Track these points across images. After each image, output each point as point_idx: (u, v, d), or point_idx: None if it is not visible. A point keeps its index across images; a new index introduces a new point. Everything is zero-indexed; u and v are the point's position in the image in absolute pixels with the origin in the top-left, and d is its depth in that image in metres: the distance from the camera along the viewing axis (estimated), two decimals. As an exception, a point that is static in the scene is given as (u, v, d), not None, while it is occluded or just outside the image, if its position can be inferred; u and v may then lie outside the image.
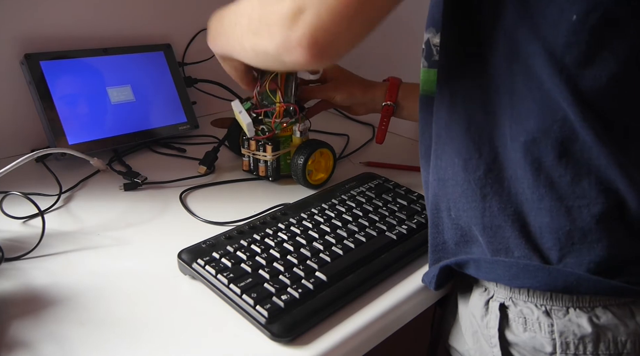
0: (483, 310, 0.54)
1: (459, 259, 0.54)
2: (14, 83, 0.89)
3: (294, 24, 0.44)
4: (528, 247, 0.48)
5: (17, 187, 0.71)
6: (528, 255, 0.48)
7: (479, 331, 0.55)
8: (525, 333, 0.50)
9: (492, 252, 0.51)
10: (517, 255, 0.49)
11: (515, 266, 0.49)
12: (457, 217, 0.53)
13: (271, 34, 0.47)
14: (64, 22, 0.94)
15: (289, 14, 0.44)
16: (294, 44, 0.44)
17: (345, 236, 0.64)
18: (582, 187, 0.45)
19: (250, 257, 0.59)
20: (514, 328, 0.51)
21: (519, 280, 0.49)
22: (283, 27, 0.45)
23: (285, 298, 0.52)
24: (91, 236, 0.68)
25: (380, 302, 0.57)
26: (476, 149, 0.49)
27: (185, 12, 1.10)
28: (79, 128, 0.90)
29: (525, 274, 0.49)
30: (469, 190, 0.51)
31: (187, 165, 0.90)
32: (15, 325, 0.51)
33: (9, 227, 0.69)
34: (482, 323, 0.54)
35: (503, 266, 0.50)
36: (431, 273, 0.57)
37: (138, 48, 1.02)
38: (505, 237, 0.49)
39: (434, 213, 0.56)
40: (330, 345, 0.50)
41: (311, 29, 0.43)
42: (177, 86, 1.05)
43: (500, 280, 0.51)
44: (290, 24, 0.44)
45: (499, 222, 0.49)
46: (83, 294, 0.56)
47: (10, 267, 0.61)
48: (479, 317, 0.54)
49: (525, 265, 0.48)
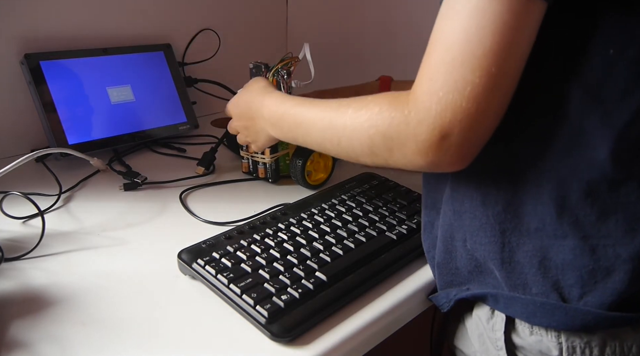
0: (489, 313, 0.53)
1: (477, 293, 0.53)
2: (14, 83, 0.89)
3: (439, 149, 0.43)
4: (546, 284, 0.47)
5: (17, 187, 0.71)
6: (546, 292, 0.48)
7: (485, 334, 0.54)
8: (532, 336, 0.50)
9: (509, 286, 0.50)
10: (535, 292, 0.48)
11: (532, 304, 0.48)
12: (474, 249, 0.52)
13: (410, 155, 0.45)
14: (64, 22, 0.94)
15: (433, 141, 0.43)
16: (446, 164, 0.44)
17: (345, 236, 0.64)
18: (608, 227, 0.45)
19: (250, 257, 0.59)
20: (520, 331, 0.51)
21: (536, 318, 0.48)
22: (427, 153, 0.44)
23: (285, 298, 0.52)
24: (91, 236, 0.68)
25: (380, 302, 0.57)
26: (495, 184, 0.49)
27: (185, 12, 1.10)
28: (79, 128, 0.90)
29: (542, 313, 0.48)
30: (488, 225, 0.50)
31: (187, 165, 0.90)
32: (15, 325, 0.51)
33: (9, 227, 0.69)
34: (488, 326, 0.53)
35: (520, 303, 0.49)
36: (442, 299, 0.57)
37: (138, 48, 1.02)
38: (524, 273, 0.49)
39: (447, 240, 0.55)
40: (330, 345, 0.50)
41: (462, 148, 0.43)
42: (177, 86, 1.05)
43: (518, 316, 0.50)
44: (436, 150, 0.43)
45: (518, 257, 0.49)
46: (83, 294, 0.56)
47: (10, 267, 0.61)
48: (485, 320, 0.54)
49: (542, 304, 0.48)
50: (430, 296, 0.60)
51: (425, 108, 0.43)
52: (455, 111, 0.41)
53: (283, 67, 0.78)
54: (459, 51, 0.41)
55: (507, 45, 0.40)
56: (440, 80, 0.42)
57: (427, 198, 0.59)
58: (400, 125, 0.45)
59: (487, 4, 0.40)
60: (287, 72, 0.78)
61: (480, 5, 0.40)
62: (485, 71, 0.40)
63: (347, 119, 0.51)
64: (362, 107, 0.49)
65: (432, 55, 0.43)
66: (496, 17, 0.40)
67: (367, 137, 0.48)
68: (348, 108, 0.51)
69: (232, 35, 1.18)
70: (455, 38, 0.41)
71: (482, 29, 0.40)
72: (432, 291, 0.61)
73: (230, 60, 1.17)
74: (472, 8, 0.41)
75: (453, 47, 0.41)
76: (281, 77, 0.78)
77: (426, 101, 0.43)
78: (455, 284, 0.56)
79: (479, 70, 0.40)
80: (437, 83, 0.42)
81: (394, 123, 0.45)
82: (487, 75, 0.41)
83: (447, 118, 0.42)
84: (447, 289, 0.57)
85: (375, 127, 0.47)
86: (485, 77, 0.41)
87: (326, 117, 0.54)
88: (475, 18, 0.40)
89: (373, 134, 0.48)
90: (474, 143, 0.44)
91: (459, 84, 0.41)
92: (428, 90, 0.43)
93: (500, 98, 0.42)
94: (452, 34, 0.42)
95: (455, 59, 0.41)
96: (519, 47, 0.41)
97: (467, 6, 0.41)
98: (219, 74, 1.14)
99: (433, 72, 0.43)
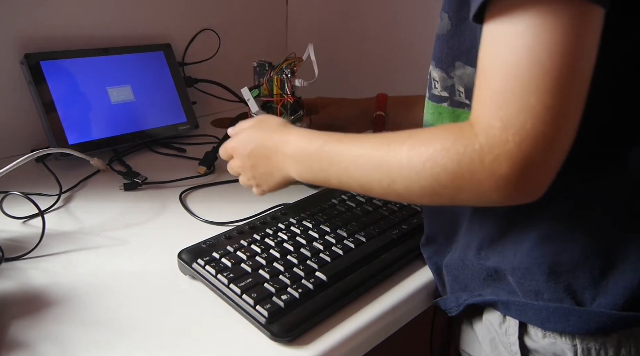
0: (500, 318, 0.53)
1: (487, 300, 0.53)
2: (14, 83, 0.89)
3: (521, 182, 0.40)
4: (558, 289, 0.47)
5: (17, 187, 0.71)
6: (559, 297, 0.47)
7: (497, 339, 0.53)
8: (545, 339, 0.49)
9: (522, 292, 0.50)
10: (547, 298, 0.48)
11: (545, 310, 0.48)
12: (487, 257, 0.52)
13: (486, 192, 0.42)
14: (64, 22, 0.94)
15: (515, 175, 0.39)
16: (525, 195, 0.41)
17: (345, 236, 0.64)
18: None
19: (250, 257, 0.59)
20: (533, 334, 0.50)
21: (550, 324, 0.48)
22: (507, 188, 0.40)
23: (285, 298, 0.52)
24: (91, 236, 0.68)
25: (380, 302, 0.57)
26: None
27: (185, 12, 1.10)
28: (79, 128, 0.90)
29: (556, 318, 0.47)
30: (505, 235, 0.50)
31: (187, 165, 0.90)
32: (15, 325, 0.51)
33: (9, 227, 0.69)
34: (501, 331, 0.53)
35: (533, 309, 0.49)
36: (451, 303, 0.57)
37: (138, 48, 1.02)
38: (535, 279, 0.48)
39: (461, 251, 0.55)
40: (330, 345, 0.50)
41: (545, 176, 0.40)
42: (177, 86, 1.05)
43: (531, 322, 0.50)
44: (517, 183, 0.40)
45: (527, 264, 0.49)
46: (83, 294, 0.56)
47: (10, 266, 0.61)
48: (497, 324, 0.53)
49: (556, 309, 0.47)
50: (436, 301, 0.60)
51: (501, 141, 0.39)
52: (537, 139, 0.38)
53: (287, 66, 0.78)
54: (530, 75, 0.38)
55: (578, 57, 0.38)
56: (514, 108, 0.39)
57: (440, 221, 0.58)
58: (473, 163, 0.41)
59: (543, 24, 0.38)
60: (291, 71, 0.78)
61: (537, 27, 0.38)
62: (561, 91, 0.38)
63: (403, 158, 0.45)
64: (419, 144, 0.44)
65: (492, 82, 0.40)
66: (558, 37, 0.38)
67: (430, 177, 0.43)
68: (402, 146, 0.45)
69: (232, 35, 1.18)
70: (518, 63, 0.39)
71: (547, 50, 0.38)
72: (435, 294, 0.61)
73: (230, 60, 1.17)
74: (529, 30, 0.38)
75: (522, 70, 0.39)
76: (285, 76, 0.78)
77: (500, 133, 0.39)
78: (468, 290, 0.55)
79: (556, 91, 0.38)
80: (510, 111, 0.39)
81: (465, 161, 0.41)
82: (564, 96, 0.38)
83: (528, 148, 0.39)
84: (457, 293, 0.56)
85: (441, 166, 0.42)
86: (562, 97, 0.38)
87: (374, 155, 0.48)
88: (537, 40, 0.38)
89: (438, 174, 0.42)
90: (555, 168, 0.41)
91: (537, 109, 0.38)
92: (500, 121, 0.39)
93: (577, 113, 0.40)
94: (514, 59, 0.39)
95: (528, 82, 0.38)
96: (586, 59, 0.39)
97: (524, 29, 0.38)
98: (219, 74, 1.14)
99: (501, 100, 0.39)
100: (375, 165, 0.47)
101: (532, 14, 0.38)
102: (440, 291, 0.61)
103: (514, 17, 0.39)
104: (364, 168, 0.49)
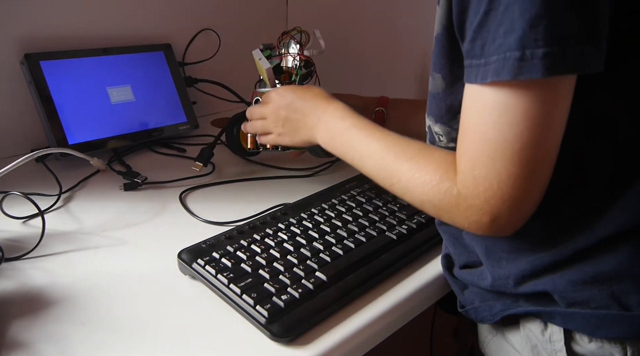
0: (542, 325, 0.51)
1: (528, 310, 0.51)
2: (14, 83, 0.89)
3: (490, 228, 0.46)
4: (603, 296, 0.46)
5: (17, 187, 0.71)
6: (605, 304, 0.46)
7: (540, 346, 0.52)
8: (591, 343, 0.48)
9: (565, 303, 0.48)
10: (594, 306, 0.47)
11: (595, 317, 0.47)
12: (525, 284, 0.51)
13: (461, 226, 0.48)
14: (64, 22, 0.94)
15: (483, 223, 0.45)
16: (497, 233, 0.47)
17: (345, 236, 0.64)
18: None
19: (250, 257, 0.59)
20: (578, 339, 0.49)
21: (601, 331, 0.47)
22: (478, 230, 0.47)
23: (285, 298, 0.52)
24: (91, 236, 0.68)
25: (381, 302, 0.57)
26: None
27: (185, 12, 1.10)
28: (79, 128, 0.90)
29: (606, 325, 0.47)
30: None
31: (187, 165, 0.90)
32: (15, 325, 0.51)
33: (9, 227, 0.69)
34: (544, 338, 0.51)
35: (581, 317, 0.48)
36: (484, 312, 0.56)
37: (138, 48, 1.02)
38: (579, 291, 0.47)
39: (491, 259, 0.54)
40: (330, 345, 0.50)
41: (512, 224, 0.45)
42: (177, 86, 1.05)
43: (580, 330, 0.49)
44: (487, 228, 0.46)
45: (569, 276, 0.48)
46: (83, 294, 0.56)
47: (10, 267, 0.61)
48: (539, 332, 0.52)
49: (605, 316, 0.46)
50: (465, 310, 0.58)
51: (472, 194, 0.45)
52: (504, 199, 0.43)
53: (298, 32, 0.79)
54: (496, 146, 0.42)
55: (543, 131, 0.41)
56: (484, 171, 0.44)
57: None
58: (450, 205, 0.47)
59: (513, 101, 0.41)
60: (298, 42, 0.78)
61: (508, 103, 0.41)
62: (525, 161, 0.42)
63: (402, 175, 0.52)
64: (417, 170, 0.50)
65: (469, 143, 0.45)
66: (526, 111, 0.41)
67: (418, 200, 0.51)
68: (405, 163, 0.52)
69: (232, 35, 1.18)
70: (490, 133, 0.43)
71: (516, 126, 0.41)
72: (435, 294, 0.61)
73: (230, 60, 1.17)
74: (500, 105, 0.42)
75: (489, 141, 0.43)
76: (296, 38, 0.78)
77: (472, 187, 0.45)
78: (501, 299, 0.54)
79: (519, 161, 0.42)
80: (480, 172, 0.44)
81: (445, 201, 0.47)
82: (527, 164, 0.42)
83: (496, 204, 0.44)
84: (489, 302, 0.55)
85: (427, 196, 0.49)
86: (526, 166, 0.42)
87: (384, 158, 0.54)
88: (507, 115, 0.41)
89: (425, 201, 0.50)
90: (523, 217, 0.45)
91: (502, 175, 0.43)
92: (473, 178, 0.45)
93: (544, 176, 0.44)
94: (485, 128, 0.43)
95: (494, 152, 0.43)
96: (555, 127, 0.42)
97: (495, 103, 0.42)
98: (219, 74, 1.14)
99: (474, 161, 0.44)
100: (382, 166, 0.55)
101: (507, 92, 0.41)
102: (458, 295, 0.60)
103: (493, 92, 0.42)
104: (374, 164, 0.56)
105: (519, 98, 0.41)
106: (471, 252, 0.56)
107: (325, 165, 0.90)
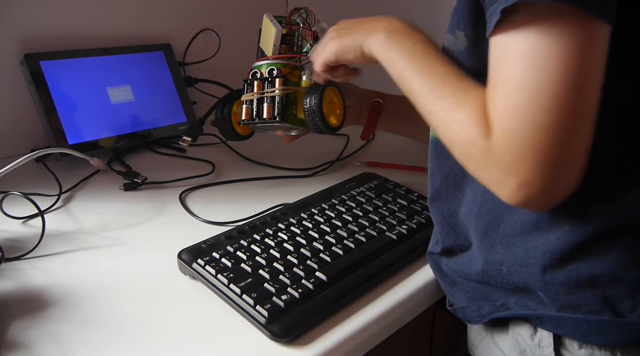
0: (531, 330, 0.51)
1: (518, 314, 0.51)
2: (14, 83, 0.89)
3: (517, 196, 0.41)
4: (596, 301, 0.46)
5: (17, 187, 0.71)
6: (598, 309, 0.46)
7: (528, 350, 0.51)
8: (581, 350, 0.47)
9: (557, 307, 0.48)
10: (586, 311, 0.46)
11: (586, 323, 0.46)
12: (510, 273, 0.50)
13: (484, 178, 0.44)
14: (64, 22, 0.94)
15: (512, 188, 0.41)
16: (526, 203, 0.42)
17: (345, 236, 0.64)
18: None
19: (250, 257, 0.58)
20: (568, 345, 0.48)
21: (591, 337, 0.46)
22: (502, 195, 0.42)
23: (285, 298, 0.52)
24: (91, 236, 0.68)
25: (380, 302, 0.57)
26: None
27: (185, 12, 1.10)
28: (79, 128, 0.90)
29: (597, 331, 0.46)
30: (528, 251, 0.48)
31: (187, 165, 0.90)
32: (14, 325, 0.51)
33: (9, 227, 0.69)
34: (533, 343, 0.50)
35: (572, 323, 0.47)
36: (472, 313, 0.55)
37: (138, 48, 1.02)
38: (570, 294, 0.46)
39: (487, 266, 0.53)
40: (330, 345, 0.50)
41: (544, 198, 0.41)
42: (177, 86, 1.05)
43: (570, 335, 0.48)
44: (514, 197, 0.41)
45: (562, 279, 0.47)
46: (83, 294, 0.56)
47: (10, 267, 0.61)
48: (528, 337, 0.51)
49: (596, 322, 0.46)
50: (453, 308, 0.58)
51: (502, 149, 0.40)
52: (537, 159, 0.39)
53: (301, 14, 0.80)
54: (530, 93, 0.39)
55: (578, 77, 0.38)
56: (514, 123, 0.39)
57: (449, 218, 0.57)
58: (476, 155, 0.43)
59: (547, 44, 0.38)
60: (306, 20, 0.79)
61: (540, 46, 0.38)
62: (560, 111, 0.38)
63: (441, 108, 0.47)
64: (456, 104, 0.45)
65: (498, 95, 0.41)
66: (560, 55, 0.38)
67: (451, 135, 0.46)
68: (447, 98, 0.47)
69: (232, 35, 1.18)
70: (519, 80, 0.39)
71: (547, 70, 0.38)
72: (435, 294, 0.61)
73: (230, 60, 1.17)
74: (532, 49, 0.38)
75: (519, 89, 0.39)
76: (302, 20, 0.79)
77: (502, 141, 0.40)
78: (489, 300, 0.54)
79: (553, 111, 0.38)
80: (510, 125, 0.40)
81: (473, 148, 0.43)
82: (563, 115, 0.38)
83: (527, 165, 0.39)
84: (478, 303, 0.55)
85: (458, 140, 0.45)
86: (561, 117, 0.38)
87: (431, 85, 0.49)
88: (538, 59, 0.38)
89: (454, 139, 0.46)
90: (562, 188, 0.41)
91: (535, 128, 0.38)
92: (501, 132, 0.40)
93: (584, 134, 0.39)
94: (516, 75, 0.39)
95: (526, 101, 0.39)
96: (592, 76, 0.39)
97: (527, 47, 0.39)
98: (219, 74, 1.14)
99: (502, 112, 0.40)
100: (427, 92, 0.49)
101: (537, 31, 0.38)
102: (447, 294, 0.59)
103: (521, 33, 0.39)
104: (420, 86, 0.50)
105: (559, 37, 0.37)
106: (459, 234, 0.55)
107: (325, 165, 0.90)
